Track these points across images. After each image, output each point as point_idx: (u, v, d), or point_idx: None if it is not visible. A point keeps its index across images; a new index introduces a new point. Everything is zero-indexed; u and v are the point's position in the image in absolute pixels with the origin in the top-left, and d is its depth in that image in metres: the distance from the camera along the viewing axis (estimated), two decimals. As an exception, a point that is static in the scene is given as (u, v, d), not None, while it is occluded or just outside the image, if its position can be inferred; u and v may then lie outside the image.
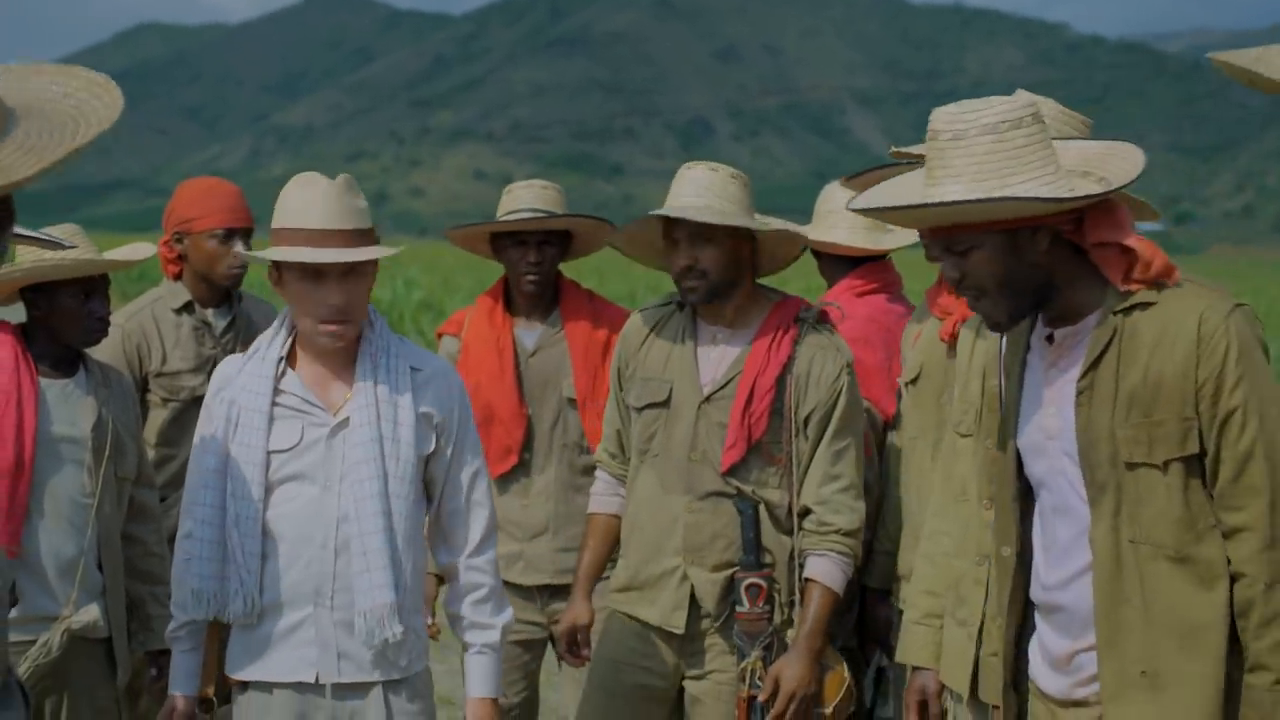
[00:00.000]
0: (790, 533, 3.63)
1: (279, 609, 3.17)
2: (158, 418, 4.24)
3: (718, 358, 3.68)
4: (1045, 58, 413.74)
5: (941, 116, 2.61)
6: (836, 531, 3.59)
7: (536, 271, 4.38)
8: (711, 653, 3.67)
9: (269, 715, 3.19)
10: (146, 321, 4.29)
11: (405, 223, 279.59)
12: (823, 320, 3.70)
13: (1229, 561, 2.57)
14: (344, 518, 3.14)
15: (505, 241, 4.42)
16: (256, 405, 3.18)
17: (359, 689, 3.18)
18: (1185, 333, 2.55)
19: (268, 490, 3.16)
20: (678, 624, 3.65)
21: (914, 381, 3.47)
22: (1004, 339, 2.91)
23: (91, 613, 3.65)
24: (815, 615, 3.55)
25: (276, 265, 3.14)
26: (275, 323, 3.29)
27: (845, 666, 3.66)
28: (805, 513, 3.62)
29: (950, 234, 2.65)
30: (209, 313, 4.36)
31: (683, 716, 3.78)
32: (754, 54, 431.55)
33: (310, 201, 3.10)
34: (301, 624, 3.16)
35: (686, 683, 3.71)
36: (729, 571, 3.61)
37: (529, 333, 4.46)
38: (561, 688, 4.70)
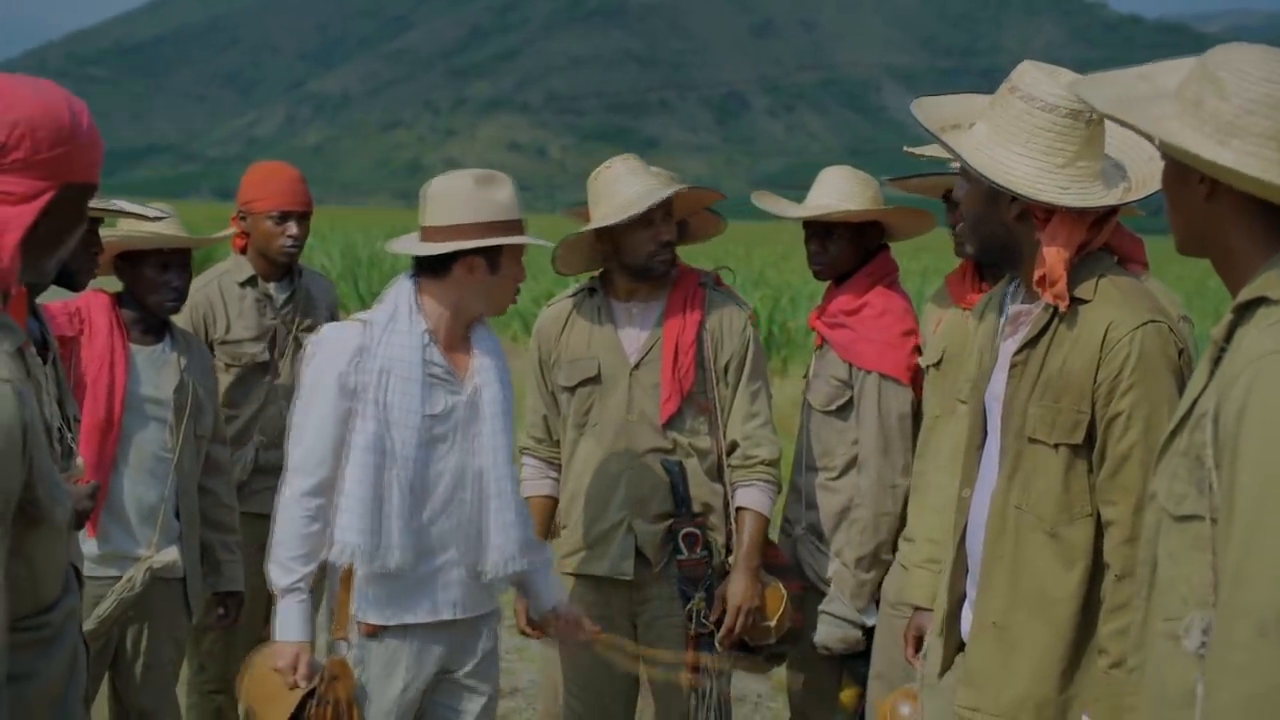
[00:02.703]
0: (722, 481, 4.05)
1: (427, 558, 3.48)
2: (222, 382, 4.52)
3: (637, 330, 4.06)
4: (1083, 36, 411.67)
5: (1027, 73, 2.82)
6: (761, 463, 4.01)
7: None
8: (659, 600, 4.02)
9: (401, 654, 3.50)
10: (213, 293, 4.63)
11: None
12: (719, 283, 4.14)
13: (1098, 549, 2.81)
14: (482, 471, 3.51)
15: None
16: (412, 375, 3.45)
17: (475, 621, 3.58)
18: (1094, 337, 2.78)
19: (420, 451, 3.47)
20: (626, 571, 4.00)
21: (937, 365, 3.66)
22: (1003, 315, 3.07)
23: (171, 554, 3.99)
24: (750, 538, 3.98)
25: (480, 251, 3.44)
26: (398, 300, 3.51)
27: (780, 583, 4.05)
28: (732, 448, 4.04)
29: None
30: (271, 286, 4.68)
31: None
32: (791, 29, 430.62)
33: (510, 196, 3.48)
34: (445, 568, 3.50)
35: (639, 633, 4.04)
36: (668, 522, 3.99)
37: None
38: (535, 662, 5.08)
